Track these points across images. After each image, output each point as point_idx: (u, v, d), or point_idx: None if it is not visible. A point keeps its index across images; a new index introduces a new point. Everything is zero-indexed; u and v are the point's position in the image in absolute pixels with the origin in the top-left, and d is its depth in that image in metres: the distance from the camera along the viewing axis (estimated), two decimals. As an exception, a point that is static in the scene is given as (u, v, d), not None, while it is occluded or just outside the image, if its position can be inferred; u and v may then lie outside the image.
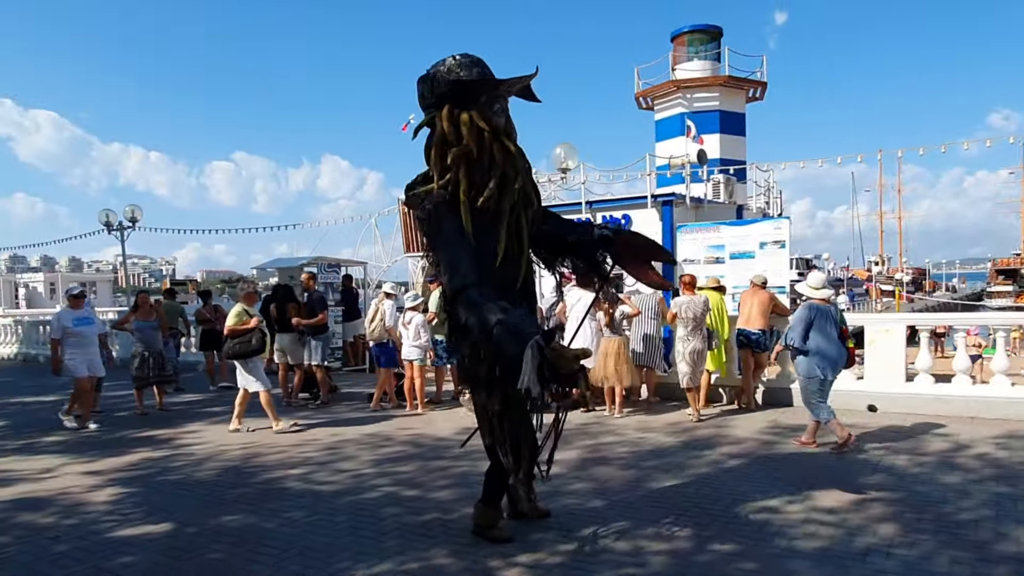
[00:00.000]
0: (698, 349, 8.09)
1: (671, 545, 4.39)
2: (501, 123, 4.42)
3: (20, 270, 62.05)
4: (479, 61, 4.41)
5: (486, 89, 4.35)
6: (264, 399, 8.11)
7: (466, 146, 4.28)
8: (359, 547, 4.47)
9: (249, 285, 8.59)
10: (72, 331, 8.55)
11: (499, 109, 4.44)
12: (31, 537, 4.79)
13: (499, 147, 4.35)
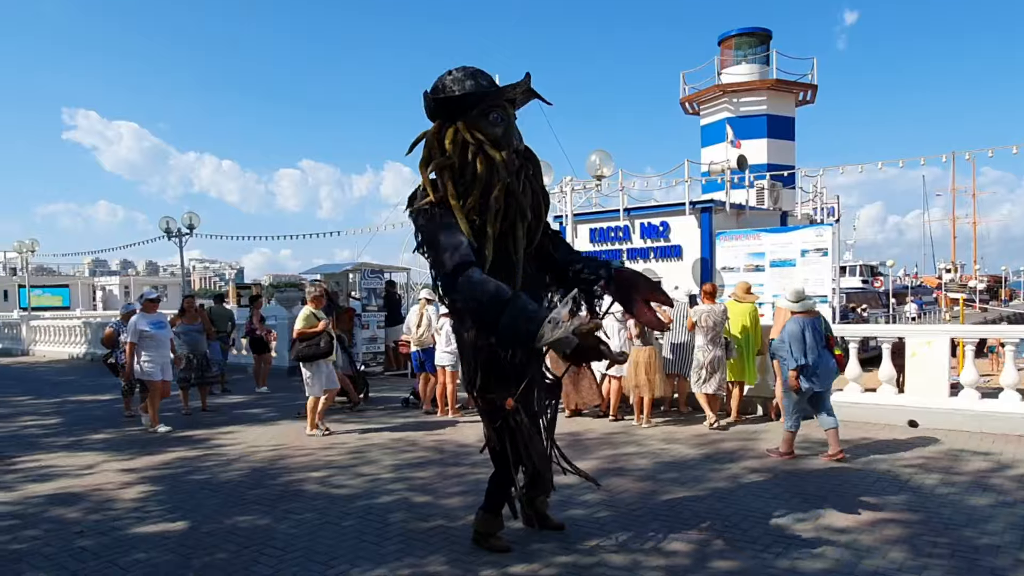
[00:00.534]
0: (717, 357, 7.96)
1: (669, 561, 4.33)
2: (497, 132, 4.38)
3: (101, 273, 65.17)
4: (475, 73, 4.43)
5: (477, 101, 4.38)
6: (311, 404, 8.30)
7: (447, 158, 4.34)
8: (359, 551, 4.56)
9: (317, 288, 8.78)
10: (148, 334, 8.76)
11: (496, 118, 4.43)
12: (59, 531, 5.06)
13: (482, 158, 4.34)
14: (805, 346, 6.50)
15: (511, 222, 4.43)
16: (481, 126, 4.34)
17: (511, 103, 4.58)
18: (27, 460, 7.32)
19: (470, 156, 4.32)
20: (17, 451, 7.72)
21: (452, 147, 4.33)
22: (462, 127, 4.33)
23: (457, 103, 4.34)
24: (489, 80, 4.51)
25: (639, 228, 12.06)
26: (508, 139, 4.46)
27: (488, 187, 4.32)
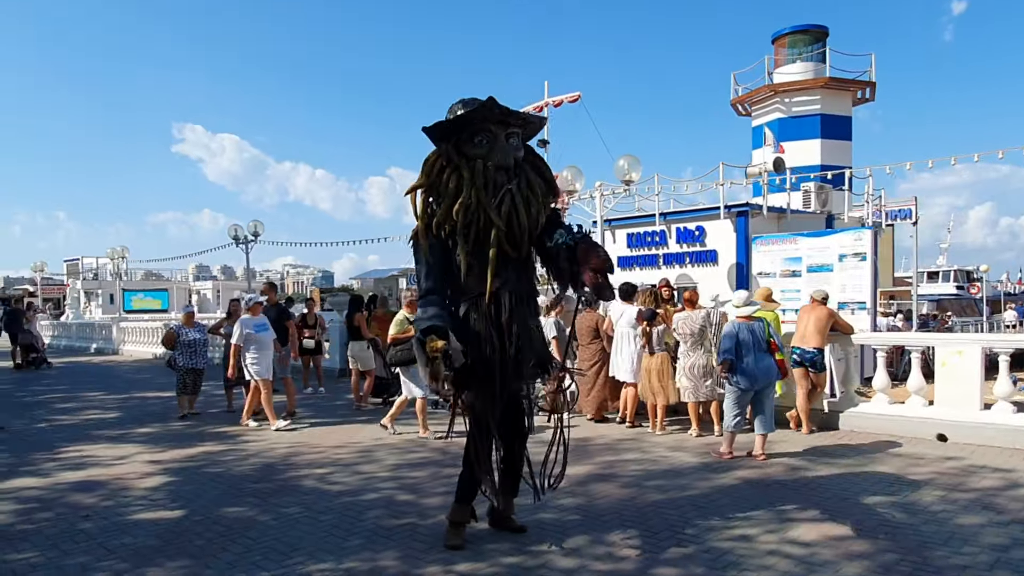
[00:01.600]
0: (700, 364, 7.83)
1: (615, 566, 4.35)
2: (480, 153, 4.63)
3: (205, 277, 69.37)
4: (469, 103, 4.70)
5: (461, 127, 4.66)
6: (419, 406, 8.44)
7: (421, 181, 4.73)
8: (323, 544, 4.79)
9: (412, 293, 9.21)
10: (254, 337, 9.14)
11: (480, 141, 4.66)
12: (68, 514, 5.54)
13: (453, 176, 4.61)
14: (737, 346, 6.90)
15: (483, 230, 4.63)
16: (466, 148, 4.66)
17: (502, 125, 4.76)
18: (71, 449, 7.99)
19: (445, 176, 4.64)
20: (67, 442, 8.43)
21: (428, 170, 4.72)
22: (444, 150, 4.69)
23: (442, 130, 4.70)
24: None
25: (675, 233, 11.89)
26: (491, 158, 4.67)
27: (454, 201, 4.57)
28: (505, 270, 4.71)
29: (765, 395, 7.03)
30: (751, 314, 7.16)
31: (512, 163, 4.76)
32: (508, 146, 4.75)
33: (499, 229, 4.65)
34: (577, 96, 15.73)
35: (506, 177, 4.71)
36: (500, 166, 4.69)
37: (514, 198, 4.75)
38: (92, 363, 20.01)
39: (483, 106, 4.65)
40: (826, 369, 8.30)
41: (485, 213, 4.61)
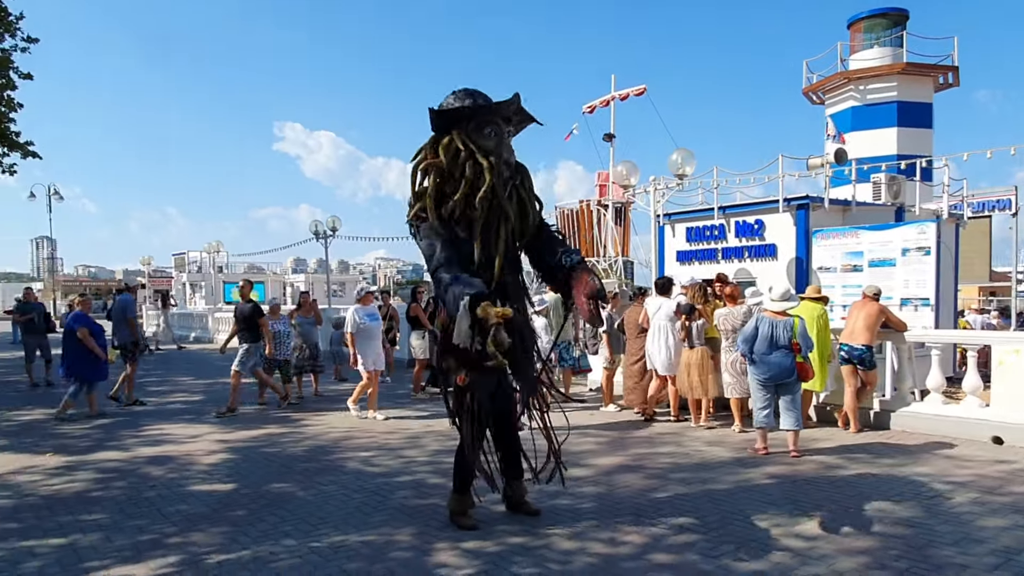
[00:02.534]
0: (741, 360, 7.76)
1: (611, 550, 4.54)
2: (489, 144, 4.86)
3: (300, 271, 72.82)
4: (473, 93, 4.92)
5: (472, 116, 4.85)
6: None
7: (437, 161, 4.83)
8: (349, 519, 5.19)
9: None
10: (364, 326, 9.47)
11: (489, 132, 4.89)
12: (137, 484, 6.21)
13: (472, 164, 4.82)
14: (754, 340, 7.05)
15: (496, 222, 4.89)
16: (475, 137, 4.83)
17: (506, 121, 5.02)
18: (153, 428, 8.80)
19: (460, 161, 4.81)
20: (151, 421, 9.28)
21: (444, 152, 4.83)
22: (456, 136, 4.83)
23: (454, 116, 4.84)
24: (485, 99, 4.98)
25: (734, 226, 11.70)
26: (499, 151, 4.92)
27: (474, 188, 4.81)
28: (507, 264, 4.97)
29: (787, 391, 6.97)
30: (784, 310, 7.09)
31: (514, 160, 5.01)
32: (509, 143, 4.99)
33: (509, 221, 4.91)
34: (643, 89, 15.68)
35: (510, 172, 4.96)
36: (507, 161, 4.94)
37: (519, 193, 5.00)
38: (189, 351, 21.52)
39: (508, 101, 4.88)
40: (875, 367, 8.09)
41: (502, 207, 4.87)
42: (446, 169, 4.83)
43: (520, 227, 5.04)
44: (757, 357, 7.06)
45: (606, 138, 15.87)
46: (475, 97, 4.90)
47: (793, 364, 6.96)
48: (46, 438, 8.25)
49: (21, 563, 4.40)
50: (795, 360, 6.97)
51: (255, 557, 4.45)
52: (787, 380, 7.01)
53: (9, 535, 4.92)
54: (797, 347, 7.00)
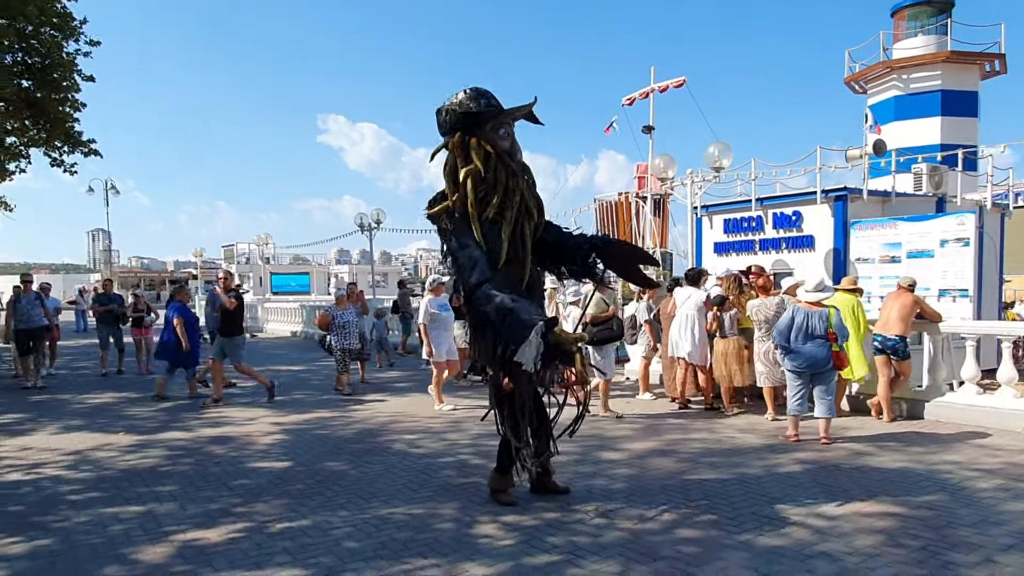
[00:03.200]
0: (774, 350, 7.93)
1: (640, 526, 4.84)
2: (506, 145, 5.17)
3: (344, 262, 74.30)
4: (485, 93, 5.18)
5: (491, 117, 5.13)
6: (603, 387, 8.64)
7: (474, 167, 5.12)
8: (397, 495, 5.60)
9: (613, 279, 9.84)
10: (438, 316, 9.60)
11: (504, 133, 5.20)
12: (203, 460, 6.73)
13: (502, 166, 5.14)
14: (789, 330, 7.21)
15: (521, 221, 5.22)
16: (492, 139, 5.12)
17: (513, 121, 5.34)
18: (213, 411, 9.38)
19: (491, 165, 5.13)
20: (212, 405, 9.87)
21: (478, 156, 5.08)
22: (483, 140, 5.08)
23: (475, 118, 5.09)
24: (496, 100, 5.27)
25: (771, 218, 11.79)
26: (514, 151, 5.23)
27: (508, 192, 5.13)
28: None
29: (822, 380, 7.14)
30: (819, 301, 7.27)
31: (522, 160, 5.31)
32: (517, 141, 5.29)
33: (533, 219, 5.24)
34: (682, 81, 15.75)
35: (521, 171, 5.27)
36: (518, 161, 5.25)
37: (533, 192, 5.32)
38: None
39: (529, 105, 5.20)
40: (909, 357, 8.19)
41: (527, 206, 5.19)
42: (483, 174, 5.08)
43: (541, 221, 5.39)
44: (793, 347, 7.24)
45: (645, 130, 16.00)
46: (487, 98, 5.10)
47: (828, 354, 7.11)
48: (117, 419, 8.88)
49: (108, 527, 4.91)
50: (831, 350, 7.14)
51: (313, 525, 4.88)
52: (822, 369, 7.17)
53: (94, 503, 5.45)
54: (833, 337, 7.16)
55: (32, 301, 11.92)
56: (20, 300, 11.92)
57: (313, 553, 4.36)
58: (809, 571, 4.04)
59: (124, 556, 4.34)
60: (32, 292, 12.17)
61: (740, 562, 4.17)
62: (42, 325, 11.95)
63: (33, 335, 11.87)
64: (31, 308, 11.82)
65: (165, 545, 4.52)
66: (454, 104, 5.15)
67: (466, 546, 4.48)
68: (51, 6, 16.26)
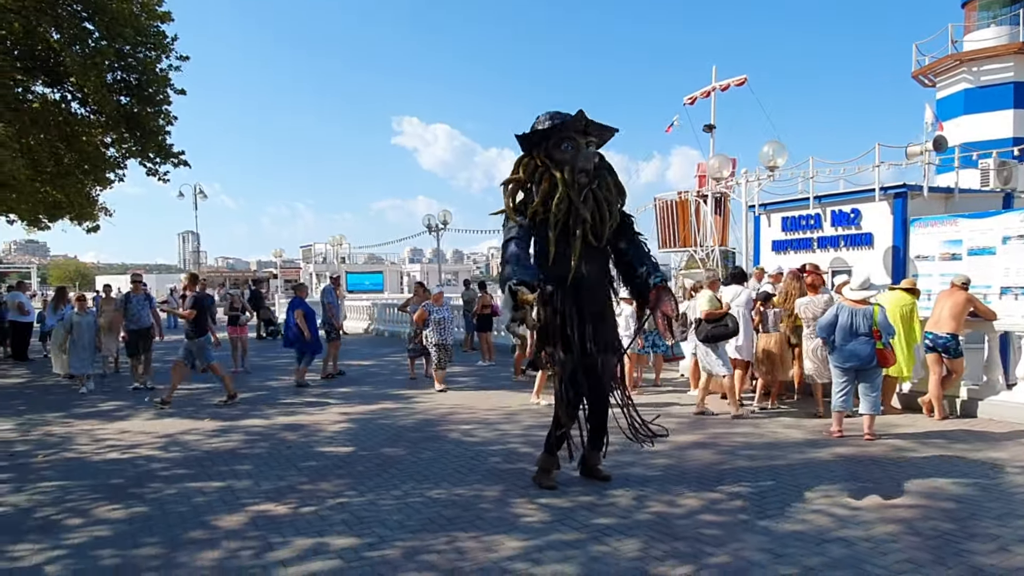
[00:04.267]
0: (822, 347, 8.02)
1: (668, 509, 5.17)
2: (565, 157, 5.66)
3: (416, 260, 76.12)
4: (553, 115, 5.76)
5: (553, 134, 5.69)
6: (727, 383, 8.64)
7: (516, 177, 5.76)
8: (447, 477, 6.09)
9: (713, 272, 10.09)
10: None
11: (566, 147, 5.69)
12: (277, 444, 7.40)
13: (547, 177, 5.65)
14: (833, 328, 7.32)
15: (573, 226, 5.66)
16: (553, 153, 5.69)
17: (583, 134, 5.77)
18: (287, 401, 10.15)
19: (537, 174, 5.70)
20: (286, 396, 10.66)
21: (524, 170, 5.79)
22: (536, 155, 5.74)
23: (535, 138, 5.75)
24: (564, 119, 5.77)
25: (830, 216, 11.72)
26: (573, 162, 5.68)
27: (550, 195, 5.62)
28: (586, 258, 5.69)
29: (866, 377, 7.24)
30: (864, 299, 7.35)
31: (592, 167, 5.71)
32: (588, 152, 5.71)
33: (586, 222, 5.64)
34: (743, 79, 15.72)
35: (587, 179, 5.68)
36: (583, 169, 5.67)
37: (596, 196, 5.72)
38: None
39: (574, 119, 5.65)
40: (961, 355, 8.15)
41: (576, 209, 5.62)
42: (524, 182, 5.75)
43: (600, 223, 5.78)
44: (837, 345, 7.36)
45: (706, 129, 16.06)
46: (553, 119, 5.73)
47: (873, 351, 7.21)
48: (203, 408, 9.73)
49: (193, 498, 5.58)
50: (875, 347, 7.23)
51: (369, 501, 5.42)
52: (867, 367, 7.27)
53: (181, 479, 6.16)
54: (878, 334, 7.25)
55: (141, 301, 12.07)
56: (131, 301, 12.01)
57: (368, 525, 4.89)
58: (821, 554, 4.29)
59: (207, 522, 4.98)
60: (142, 292, 12.34)
61: (757, 544, 4.45)
62: (149, 325, 12.13)
63: (141, 335, 11.96)
64: (141, 309, 11.94)
65: (241, 515, 5.14)
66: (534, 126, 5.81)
67: (504, 523, 4.92)
68: (146, 27, 17.56)
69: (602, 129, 5.90)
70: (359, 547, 4.47)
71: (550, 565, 4.17)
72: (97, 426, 8.51)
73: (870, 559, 4.19)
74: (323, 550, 4.43)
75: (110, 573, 4.13)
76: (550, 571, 4.08)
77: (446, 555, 4.34)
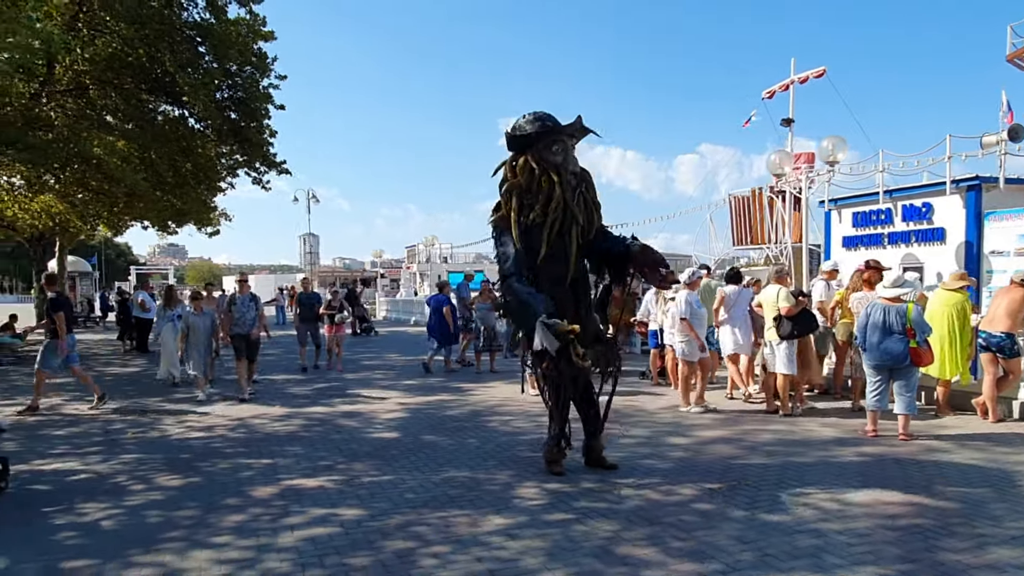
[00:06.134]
0: None
1: (662, 498, 5.38)
2: (558, 160, 5.97)
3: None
4: (542, 116, 6.04)
5: (543, 136, 5.98)
6: (781, 383, 8.49)
7: (516, 181, 6.05)
8: (467, 462, 6.55)
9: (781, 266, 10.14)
10: (696, 312, 8.83)
11: (557, 149, 6.00)
12: (329, 430, 8.09)
13: (546, 179, 5.97)
14: (865, 326, 7.29)
15: (568, 227, 5.98)
16: (544, 155, 5.97)
17: (571, 136, 6.09)
18: (354, 391, 10.94)
19: (536, 177, 6.00)
20: (356, 386, 11.47)
21: (521, 173, 6.04)
22: (531, 157, 6.00)
23: (527, 140, 6.02)
24: (553, 120, 6.08)
25: (900, 210, 11.23)
26: (566, 164, 6.00)
27: (549, 199, 5.96)
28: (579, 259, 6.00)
29: (900, 376, 7.10)
30: (898, 296, 7.22)
31: (579, 169, 6.01)
32: (574, 155, 6.00)
33: (579, 224, 5.94)
34: (822, 71, 15.22)
35: (576, 180, 5.98)
36: (573, 172, 5.98)
37: (584, 198, 6.01)
38: (407, 333, 24.59)
39: (572, 123, 5.96)
40: (1019, 355, 7.77)
41: (573, 214, 5.93)
42: (524, 186, 5.99)
43: (589, 225, 6.08)
44: (868, 344, 7.28)
45: (784, 123, 15.67)
46: (543, 120, 5.98)
47: (906, 350, 7.07)
48: (277, 397, 10.66)
49: (240, 472, 6.32)
50: (909, 345, 7.09)
51: (390, 481, 5.95)
52: (900, 365, 7.13)
53: (238, 455, 6.95)
54: (911, 332, 7.10)
55: (247, 303, 11.00)
56: (236, 302, 11.05)
57: (378, 500, 5.42)
58: (787, 543, 4.42)
59: (243, 491, 5.68)
60: (248, 292, 11.30)
61: (728, 531, 4.63)
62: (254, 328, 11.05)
63: (248, 339, 10.91)
64: (246, 311, 10.94)
65: (273, 487, 5.81)
66: (515, 128, 6.07)
67: (500, 503, 5.32)
68: (250, 49, 19.09)
69: (584, 131, 6.14)
70: (362, 518, 5.01)
71: (523, 540, 4.54)
72: (187, 410, 9.57)
73: (833, 550, 4.29)
74: (331, 519, 4.99)
75: (152, 529, 4.86)
76: (520, 545, 4.46)
77: (435, 527, 4.80)
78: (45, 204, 24.68)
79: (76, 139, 15.58)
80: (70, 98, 19.09)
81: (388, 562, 4.22)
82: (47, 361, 9.60)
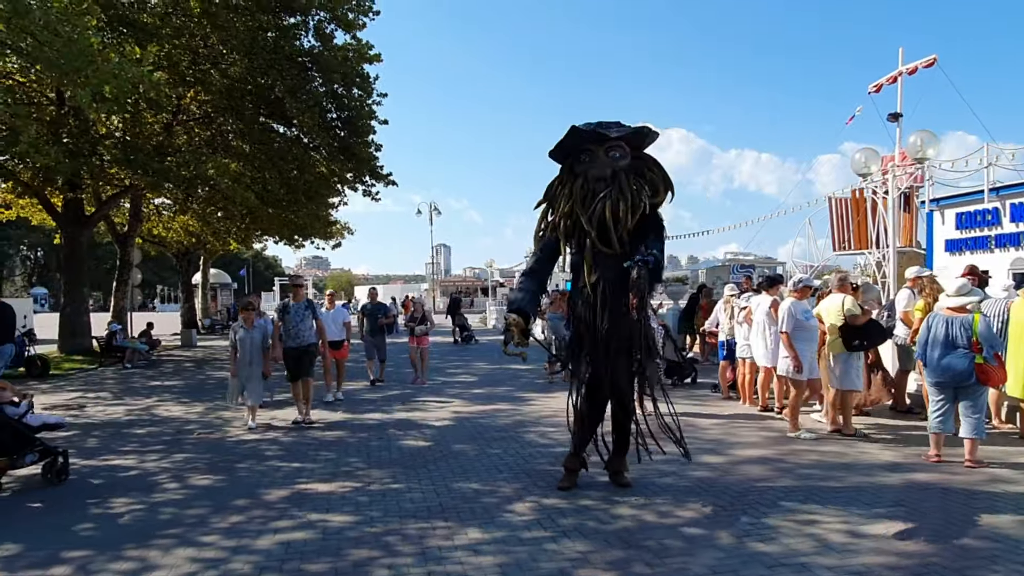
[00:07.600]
0: None
1: (657, 519, 5.12)
2: (582, 168, 5.96)
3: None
4: (574, 130, 6.00)
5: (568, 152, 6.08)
6: (831, 397, 8.08)
7: (541, 202, 6.30)
8: (483, 473, 6.53)
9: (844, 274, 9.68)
10: (803, 324, 7.92)
11: (584, 158, 5.98)
12: (370, 437, 8.32)
13: (563, 191, 5.99)
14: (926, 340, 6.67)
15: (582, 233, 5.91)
16: (574, 167, 6.05)
17: (599, 143, 5.98)
18: (421, 399, 11.20)
19: (557, 191, 6.12)
20: (425, 394, 11.74)
21: (549, 189, 6.27)
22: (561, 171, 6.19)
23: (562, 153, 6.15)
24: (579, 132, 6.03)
25: (1009, 209, 9.98)
26: (589, 171, 5.94)
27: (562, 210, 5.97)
28: (601, 265, 5.83)
29: (965, 395, 6.35)
30: (962, 306, 6.48)
31: (608, 173, 5.85)
32: (606, 160, 5.86)
33: (589, 232, 5.80)
34: (933, 60, 13.86)
35: (603, 186, 5.84)
36: (598, 177, 5.86)
37: (605, 203, 5.84)
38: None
39: (568, 135, 5.89)
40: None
41: (579, 220, 5.83)
42: (550, 201, 6.21)
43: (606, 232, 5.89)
44: (928, 359, 6.60)
45: (891, 118, 14.42)
46: (572, 133, 5.97)
47: (971, 366, 6.33)
48: (341, 404, 11.07)
49: (267, 475, 6.64)
50: (974, 361, 6.34)
51: (396, 490, 6.05)
52: (965, 383, 6.40)
53: (275, 458, 7.31)
54: (978, 347, 6.35)
55: (301, 312, 9.47)
56: (288, 311, 9.46)
57: (373, 508, 5.53)
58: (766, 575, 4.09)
59: (255, 494, 5.97)
60: (304, 299, 9.76)
61: (707, 560, 4.34)
62: (312, 343, 9.52)
63: (300, 355, 9.30)
64: (299, 321, 9.38)
65: (287, 490, 6.07)
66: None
67: (487, 517, 5.26)
68: (355, 70, 20.13)
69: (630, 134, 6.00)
70: (346, 526, 5.12)
71: (485, 556, 4.47)
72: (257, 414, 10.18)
73: (809, 587, 3.92)
74: (317, 525, 5.14)
75: (156, 525, 5.22)
76: (478, 561, 4.39)
77: (410, 538, 4.82)
78: (184, 223, 27.24)
79: (196, 162, 17.04)
80: (197, 126, 21.01)
81: (342, 571, 4.30)
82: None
